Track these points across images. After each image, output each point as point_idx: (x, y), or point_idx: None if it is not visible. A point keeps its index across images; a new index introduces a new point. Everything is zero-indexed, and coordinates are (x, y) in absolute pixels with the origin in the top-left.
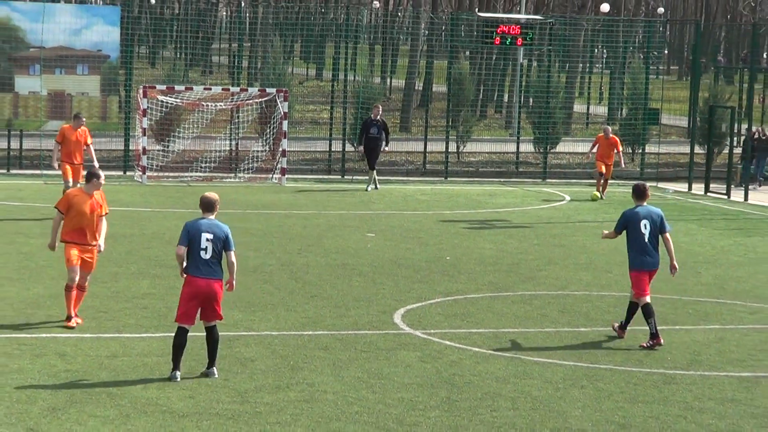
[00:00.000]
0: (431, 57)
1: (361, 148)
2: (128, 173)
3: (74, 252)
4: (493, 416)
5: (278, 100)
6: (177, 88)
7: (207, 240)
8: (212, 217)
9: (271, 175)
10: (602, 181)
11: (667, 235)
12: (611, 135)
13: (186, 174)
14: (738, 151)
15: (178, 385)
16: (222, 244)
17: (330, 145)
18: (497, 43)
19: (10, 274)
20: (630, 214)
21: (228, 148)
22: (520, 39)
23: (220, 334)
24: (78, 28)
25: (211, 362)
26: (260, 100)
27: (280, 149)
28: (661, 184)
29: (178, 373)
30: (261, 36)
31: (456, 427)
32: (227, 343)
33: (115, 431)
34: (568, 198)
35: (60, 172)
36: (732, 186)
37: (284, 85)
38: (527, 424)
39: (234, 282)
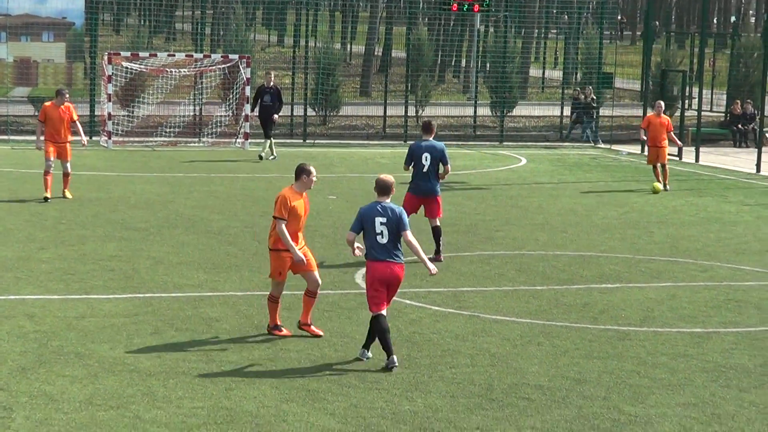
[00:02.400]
0: (390, 23)
1: (255, 114)
2: (94, 138)
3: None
4: (452, 372)
5: (241, 67)
6: (141, 54)
7: (381, 224)
8: (387, 200)
9: (234, 140)
10: (659, 168)
11: (448, 167)
12: (663, 115)
13: (151, 139)
14: (626, 112)
15: (145, 345)
16: (396, 225)
17: (291, 109)
18: (455, 9)
19: None
20: (415, 147)
21: (192, 114)
22: (477, 5)
23: (194, 293)
24: None
25: (367, 345)
26: (223, 66)
27: (243, 114)
28: (615, 146)
29: (394, 358)
30: (223, 3)
31: (416, 384)
32: (193, 304)
33: (83, 390)
34: (524, 160)
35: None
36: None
37: (246, 52)
38: (485, 380)
39: (429, 266)
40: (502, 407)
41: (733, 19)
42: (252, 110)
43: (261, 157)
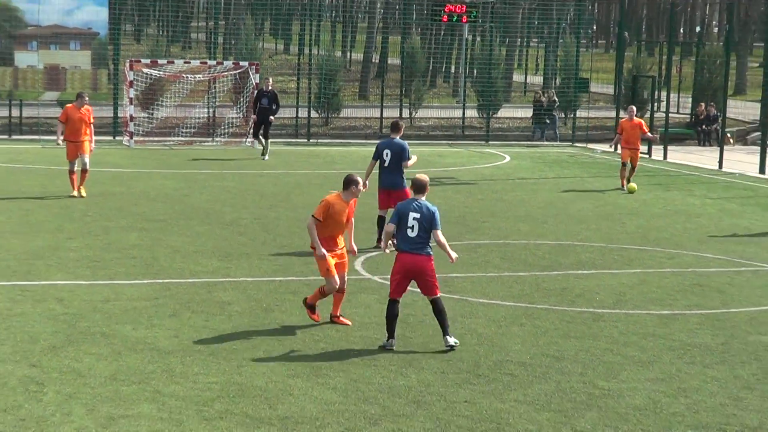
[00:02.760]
0: (386, 33)
1: (254, 117)
2: (117, 138)
3: (72, 149)
4: (443, 351)
5: (250, 72)
6: (160, 61)
7: (414, 219)
8: (422, 198)
9: (244, 139)
10: (627, 170)
11: (407, 162)
12: (635, 118)
13: (168, 138)
14: (601, 114)
15: (164, 326)
16: (429, 223)
17: (297, 112)
18: (445, 20)
19: (13, 229)
20: (379, 144)
21: (206, 116)
22: (465, 17)
23: (208, 279)
24: (70, 8)
25: (444, 331)
26: (234, 72)
27: (252, 116)
28: (590, 145)
29: (393, 341)
30: (234, 14)
31: (410, 361)
32: (207, 288)
33: (108, 367)
34: (508, 158)
35: (64, 148)
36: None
37: (255, 59)
38: (473, 357)
39: (451, 255)
40: (488, 382)
41: (698, 29)
42: (253, 113)
43: (265, 157)
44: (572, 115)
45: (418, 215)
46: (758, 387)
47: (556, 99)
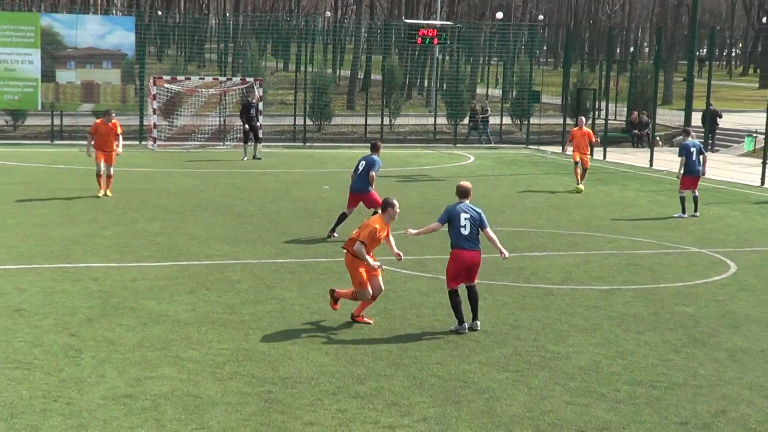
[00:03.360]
0: (370, 53)
1: (246, 126)
2: (142, 143)
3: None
4: (418, 321)
5: (255, 87)
6: (179, 78)
7: (465, 219)
8: (467, 201)
9: (250, 144)
10: (579, 167)
11: (372, 174)
12: (584, 128)
13: (186, 143)
14: (551, 121)
15: (183, 301)
16: (478, 223)
17: (294, 120)
18: (419, 42)
19: (55, 220)
20: (361, 158)
21: (217, 123)
22: (436, 39)
23: (220, 261)
24: (103, 33)
25: (475, 316)
26: (241, 86)
27: (258, 123)
28: (542, 147)
29: (465, 325)
30: (241, 38)
31: (391, 329)
32: (219, 269)
33: (135, 336)
34: (472, 158)
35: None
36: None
37: (259, 75)
38: (443, 326)
39: (503, 250)
40: (456, 347)
41: (631, 49)
42: (243, 122)
43: (259, 157)
44: (527, 122)
45: (468, 216)
46: (683, 350)
47: (488, 108)
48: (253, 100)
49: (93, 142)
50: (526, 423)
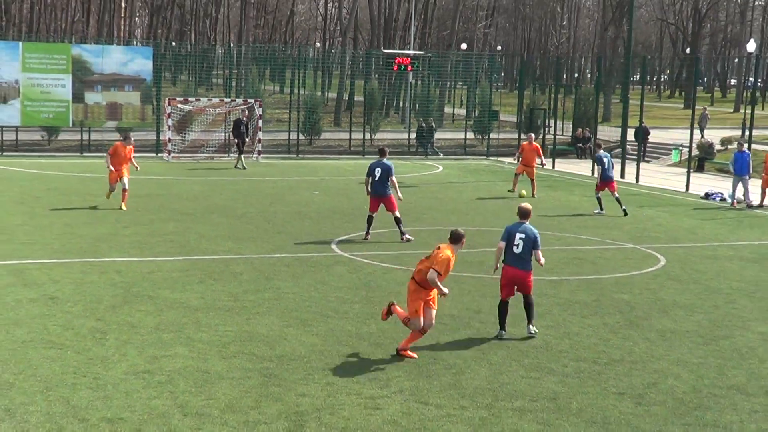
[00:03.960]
0: (353, 78)
1: (237, 140)
2: (159, 154)
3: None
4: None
5: (255, 107)
6: (190, 99)
7: (520, 239)
8: (526, 222)
9: (252, 155)
10: (517, 179)
11: (393, 179)
12: (533, 143)
13: (196, 155)
14: (507, 136)
15: (194, 290)
16: (531, 244)
17: (289, 135)
18: (395, 69)
19: (84, 221)
20: (372, 164)
21: (223, 138)
22: (410, 66)
23: (225, 256)
24: (125, 61)
25: (529, 320)
26: (244, 106)
27: (257, 138)
28: (500, 158)
29: (503, 332)
30: (244, 65)
31: (372, 314)
32: (224, 263)
33: (153, 320)
34: (441, 168)
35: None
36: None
37: (259, 97)
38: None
39: (541, 259)
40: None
41: (576, 75)
42: (234, 137)
43: (244, 167)
44: (487, 137)
45: (523, 235)
46: (620, 331)
47: (434, 125)
48: (243, 118)
49: (110, 160)
50: (487, 393)
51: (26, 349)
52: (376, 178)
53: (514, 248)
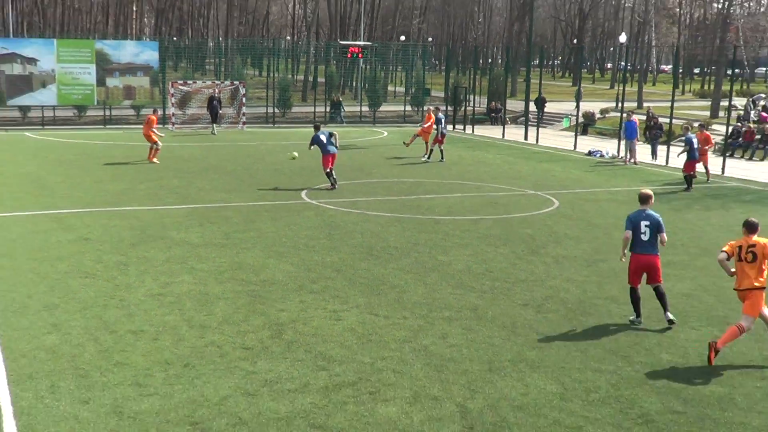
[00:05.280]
0: (316, 64)
1: (209, 111)
2: (165, 126)
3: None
4: (352, 240)
5: (240, 87)
6: (188, 82)
7: (645, 226)
8: (648, 208)
9: (238, 125)
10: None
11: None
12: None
13: (194, 125)
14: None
15: (194, 231)
16: (656, 228)
17: (266, 109)
18: (349, 56)
19: (108, 178)
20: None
21: (216, 112)
22: (360, 54)
23: (218, 204)
24: (137, 53)
25: (665, 309)
26: (231, 87)
27: (242, 111)
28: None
29: (639, 319)
30: (230, 55)
31: (334, 248)
32: (218, 210)
33: (164, 254)
34: (385, 133)
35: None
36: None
37: (243, 79)
38: (368, 245)
39: (665, 240)
40: (376, 258)
41: (489, 60)
42: (208, 110)
43: (215, 134)
44: (421, 109)
45: (648, 222)
46: (525, 257)
47: (341, 100)
48: (216, 94)
49: (152, 127)
50: (424, 306)
51: (67, 278)
52: (325, 142)
53: (642, 236)
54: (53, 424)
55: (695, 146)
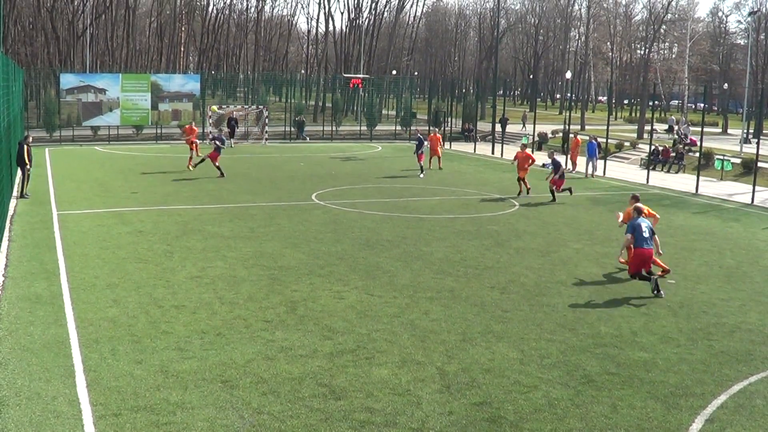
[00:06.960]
0: (325, 92)
1: (227, 130)
2: (204, 141)
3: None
4: (352, 234)
5: (264, 110)
6: (223, 106)
7: (645, 227)
8: (643, 216)
9: (262, 141)
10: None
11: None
12: (437, 134)
13: (228, 141)
14: (422, 128)
15: (226, 226)
16: (651, 230)
17: (284, 127)
18: (351, 86)
19: (157, 183)
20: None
21: (244, 130)
22: (360, 85)
23: (245, 204)
24: (183, 84)
25: (651, 275)
26: (257, 110)
27: (265, 129)
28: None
29: (654, 277)
30: (256, 83)
31: (338, 240)
32: (244, 209)
33: (201, 245)
34: (380, 148)
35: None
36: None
37: (266, 104)
38: (366, 237)
39: (659, 249)
40: (372, 248)
41: (464, 90)
42: (227, 128)
43: (232, 146)
44: (408, 129)
45: (646, 225)
46: (492, 249)
47: (304, 120)
48: (233, 115)
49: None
50: (410, 288)
51: (125, 263)
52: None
53: (644, 233)
54: (114, 379)
55: (561, 167)
